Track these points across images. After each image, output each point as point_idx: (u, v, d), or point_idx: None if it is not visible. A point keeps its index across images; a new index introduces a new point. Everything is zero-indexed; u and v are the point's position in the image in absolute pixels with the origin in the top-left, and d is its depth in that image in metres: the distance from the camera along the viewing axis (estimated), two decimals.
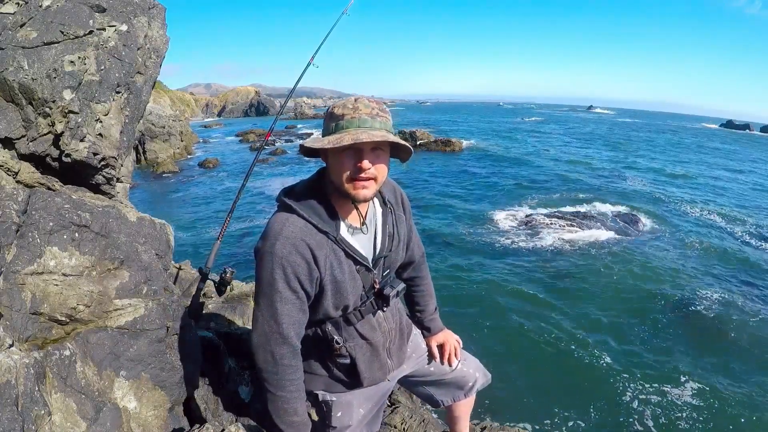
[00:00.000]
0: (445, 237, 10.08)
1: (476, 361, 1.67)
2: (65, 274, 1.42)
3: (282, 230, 1.12)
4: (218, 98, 71.81)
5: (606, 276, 8.12)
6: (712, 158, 28.18)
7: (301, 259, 1.11)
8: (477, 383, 1.62)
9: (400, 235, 1.36)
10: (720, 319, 6.57)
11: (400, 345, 1.45)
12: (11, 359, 1.17)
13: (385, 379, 1.41)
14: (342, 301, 1.22)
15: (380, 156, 1.12)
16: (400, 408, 2.40)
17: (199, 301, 2.00)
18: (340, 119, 1.09)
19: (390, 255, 1.32)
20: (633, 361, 5.57)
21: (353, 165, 1.09)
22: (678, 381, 5.27)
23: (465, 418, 1.76)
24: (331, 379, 1.34)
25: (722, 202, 14.85)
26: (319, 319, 1.25)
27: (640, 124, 70.42)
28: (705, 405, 4.81)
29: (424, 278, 1.57)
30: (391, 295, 1.29)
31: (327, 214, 1.17)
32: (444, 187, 15.49)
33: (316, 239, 1.14)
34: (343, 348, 1.28)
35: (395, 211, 1.36)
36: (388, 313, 1.36)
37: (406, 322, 1.51)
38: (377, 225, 1.30)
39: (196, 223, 11.68)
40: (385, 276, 1.32)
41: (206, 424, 1.47)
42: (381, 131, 1.08)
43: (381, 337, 1.34)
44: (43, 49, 1.57)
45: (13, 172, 1.50)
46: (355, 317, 1.27)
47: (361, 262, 1.23)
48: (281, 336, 1.15)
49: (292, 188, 1.23)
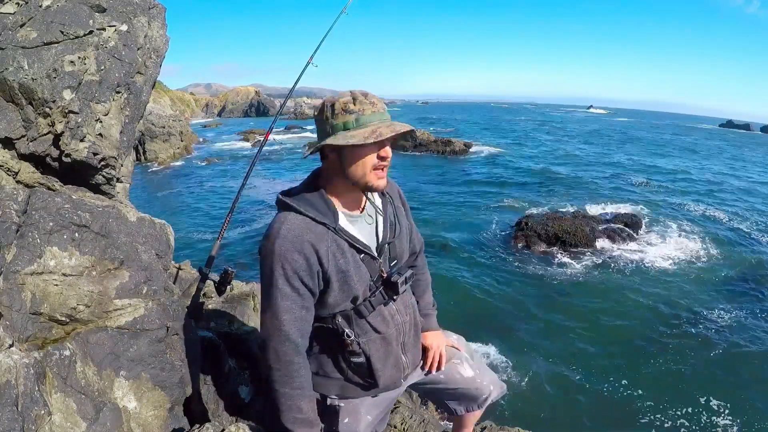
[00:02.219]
0: (443, 240, 10.07)
1: (492, 374, 1.65)
2: (65, 274, 1.42)
3: (281, 228, 1.14)
4: (218, 98, 71.79)
5: (608, 282, 8.09)
6: (712, 158, 28.15)
7: (300, 256, 1.13)
8: (491, 396, 1.60)
9: (402, 225, 1.37)
10: (733, 333, 6.42)
11: (414, 341, 1.43)
12: (11, 359, 1.17)
13: (400, 383, 1.39)
14: (350, 292, 1.22)
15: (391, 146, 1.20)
16: (400, 408, 2.40)
17: (199, 301, 2.00)
18: (361, 114, 1.13)
19: (394, 243, 1.32)
20: (636, 369, 5.53)
21: (376, 155, 1.14)
22: (678, 386, 5.27)
23: (470, 426, 1.77)
24: (346, 382, 1.31)
25: (724, 201, 14.84)
26: (329, 315, 1.25)
27: (641, 123, 70.41)
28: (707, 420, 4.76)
29: (421, 268, 1.57)
30: (399, 281, 1.28)
31: (324, 206, 1.19)
32: (442, 188, 15.49)
33: (316, 232, 1.15)
34: (355, 343, 1.26)
35: (394, 202, 1.39)
36: (401, 305, 1.35)
37: (420, 318, 1.49)
38: (378, 214, 1.32)
39: (196, 223, 11.69)
40: (392, 266, 1.32)
41: (206, 424, 1.47)
42: (408, 125, 1.15)
43: (394, 330, 1.32)
44: (43, 49, 1.57)
45: (13, 172, 1.50)
46: (366, 309, 1.26)
47: (364, 250, 1.23)
48: (283, 333, 1.16)
49: (289, 190, 1.26)
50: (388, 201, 1.37)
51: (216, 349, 2.08)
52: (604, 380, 5.25)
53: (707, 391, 5.05)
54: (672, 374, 5.42)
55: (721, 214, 12.91)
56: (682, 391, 5.08)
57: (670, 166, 22.21)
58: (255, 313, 2.56)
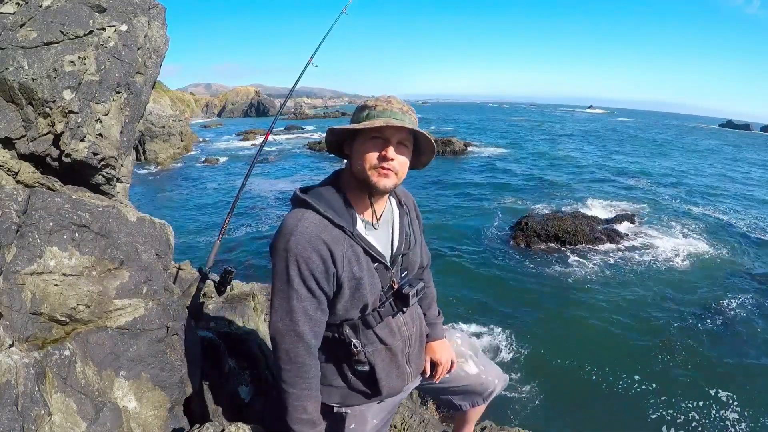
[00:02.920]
0: (443, 239, 10.07)
1: (496, 368, 1.65)
2: (65, 274, 1.42)
3: (297, 226, 1.10)
4: (218, 98, 71.78)
5: (609, 280, 8.10)
6: (712, 157, 28.15)
7: (317, 257, 1.10)
8: (496, 390, 1.61)
9: (417, 237, 1.36)
10: (738, 325, 6.46)
11: (419, 352, 1.42)
12: (11, 359, 1.17)
13: (403, 390, 1.39)
14: (360, 300, 1.20)
15: (403, 151, 1.16)
16: (400, 408, 2.40)
17: (199, 301, 2.00)
18: (372, 109, 1.14)
19: (408, 255, 1.31)
20: (638, 366, 5.55)
21: (379, 153, 1.12)
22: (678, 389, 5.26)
23: (474, 421, 1.77)
24: (349, 390, 1.30)
25: (724, 200, 14.84)
26: (336, 322, 1.23)
27: (640, 123, 70.42)
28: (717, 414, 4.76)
29: (428, 282, 1.56)
30: (410, 294, 1.26)
31: (343, 208, 1.16)
32: (442, 188, 15.49)
33: (333, 234, 1.12)
34: (362, 353, 1.24)
35: (410, 214, 1.37)
36: (408, 317, 1.34)
37: (425, 327, 1.48)
38: (394, 223, 1.30)
39: (196, 223, 11.69)
40: (403, 277, 1.30)
41: (206, 424, 1.47)
42: (409, 124, 1.13)
43: (400, 342, 1.31)
44: (43, 49, 1.57)
45: (13, 172, 1.50)
46: (374, 319, 1.24)
47: (379, 259, 1.21)
48: (297, 334, 1.13)
49: (308, 187, 1.23)
50: (405, 212, 1.35)
51: (216, 349, 2.08)
52: (604, 378, 5.25)
53: (715, 384, 5.06)
54: (675, 369, 5.43)
55: (721, 213, 12.93)
56: (688, 386, 5.09)
57: (669, 166, 22.23)
58: (255, 313, 2.56)
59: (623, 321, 6.59)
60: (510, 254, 9.20)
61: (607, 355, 5.73)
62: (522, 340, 6.05)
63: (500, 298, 7.30)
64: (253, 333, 2.29)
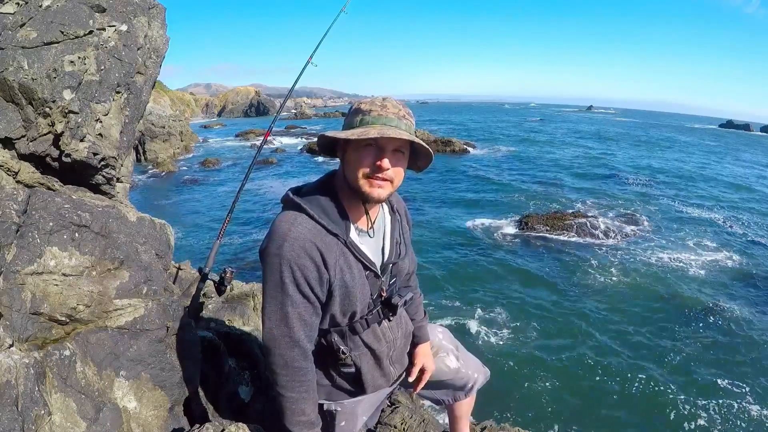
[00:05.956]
0: (443, 239, 10.07)
1: (476, 361, 1.67)
2: (65, 274, 1.42)
3: (290, 231, 1.07)
4: (218, 98, 71.79)
5: (610, 279, 8.11)
6: (712, 157, 28.15)
7: (311, 262, 1.08)
8: (477, 383, 1.63)
9: (408, 246, 1.35)
10: (738, 325, 6.48)
11: (403, 351, 1.44)
12: (11, 359, 1.17)
13: (388, 386, 1.40)
14: (350, 308, 1.19)
15: (400, 159, 1.10)
16: (400, 408, 2.40)
17: (199, 301, 2.00)
18: (366, 114, 1.08)
19: (398, 263, 1.31)
20: (639, 367, 5.55)
21: (373, 162, 1.06)
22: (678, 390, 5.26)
23: (466, 417, 1.78)
24: (333, 388, 1.31)
25: (724, 199, 14.84)
26: (324, 329, 1.23)
27: (641, 123, 70.40)
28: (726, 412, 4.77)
29: (414, 287, 1.55)
30: (399, 304, 1.26)
31: (337, 214, 1.13)
32: (441, 188, 15.49)
33: (326, 241, 1.10)
34: (349, 358, 1.25)
35: (402, 222, 1.35)
36: (393, 323, 1.34)
37: (411, 328, 1.49)
38: (386, 231, 1.28)
39: (196, 223, 11.69)
40: (391, 285, 1.30)
41: (206, 424, 1.47)
42: (406, 133, 1.07)
43: (385, 347, 1.32)
44: (43, 49, 1.57)
45: (13, 172, 1.50)
46: (361, 326, 1.24)
47: (370, 267, 1.20)
48: (292, 339, 1.12)
49: (301, 188, 1.20)
50: (397, 219, 1.33)
51: (216, 349, 2.08)
52: (605, 378, 5.25)
53: (721, 376, 5.08)
54: (675, 369, 5.43)
55: (721, 212, 12.94)
56: (688, 386, 5.09)
57: (670, 166, 22.24)
58: (255, 313, 2.56)
59: (624, 320, 6.60)
60: (510, 253, 9.20)
61: (608, 355, 5.73)
62: (522, 339, 6.06)
63: (500, 297, 7.30)
64: (253, 333, 2.29)
